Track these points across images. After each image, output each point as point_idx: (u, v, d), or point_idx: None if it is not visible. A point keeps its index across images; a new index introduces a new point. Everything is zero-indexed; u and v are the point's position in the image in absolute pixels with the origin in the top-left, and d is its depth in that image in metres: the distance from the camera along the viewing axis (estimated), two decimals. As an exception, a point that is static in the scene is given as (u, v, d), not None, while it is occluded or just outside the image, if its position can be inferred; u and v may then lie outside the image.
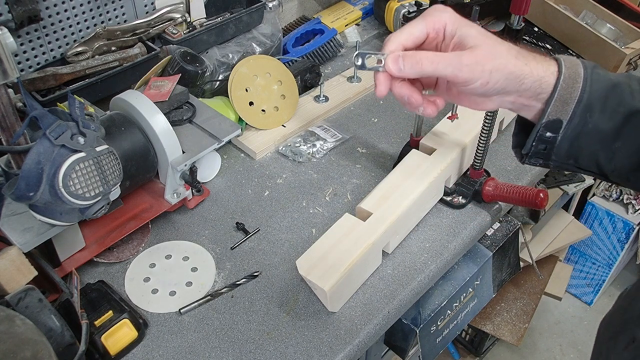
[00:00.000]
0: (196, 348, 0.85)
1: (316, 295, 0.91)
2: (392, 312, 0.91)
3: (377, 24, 1.56)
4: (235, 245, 1.00)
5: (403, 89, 0.65)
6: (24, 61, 1.08)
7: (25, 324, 0.69)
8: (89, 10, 1.12)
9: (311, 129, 1.23)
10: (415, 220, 1.02)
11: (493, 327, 1.77)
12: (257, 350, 0.85)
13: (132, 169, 0.93)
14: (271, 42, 1.32)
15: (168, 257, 0.98)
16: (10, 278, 0.76)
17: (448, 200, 1.06)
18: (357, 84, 1.35)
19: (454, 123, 1.06)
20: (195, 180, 0.99)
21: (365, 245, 0.88)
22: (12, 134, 0.76)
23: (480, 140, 1.00)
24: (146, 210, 0.99)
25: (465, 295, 1.16)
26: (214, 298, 0.91)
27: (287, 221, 1.04)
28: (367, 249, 0.88)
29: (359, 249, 0.88)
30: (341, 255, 0.87)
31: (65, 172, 0.74)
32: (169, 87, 1.04)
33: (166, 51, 1.14)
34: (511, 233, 1.20)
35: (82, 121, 0.77)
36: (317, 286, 0.84)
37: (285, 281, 0.94)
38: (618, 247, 2.08)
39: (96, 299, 0.86)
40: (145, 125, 0.94)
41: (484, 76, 0.61)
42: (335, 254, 0.87)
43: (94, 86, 1.09)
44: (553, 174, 1.80)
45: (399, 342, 1.14)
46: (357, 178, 1.13)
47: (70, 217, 0.79)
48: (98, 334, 0.81)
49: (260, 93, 1.20)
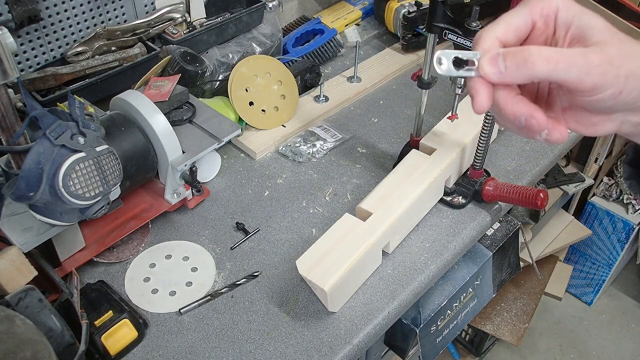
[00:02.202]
0: (196, 348, 0.85)
1: (316, 296, 0.91)
2: (392, 312, 0.91)
3: (377, 24, 1.56)
4: (235, 245, 1.00)
5: (520, 107, 0.47)
6: (24, 61, 1.08)
7: (25, 324, 0.69)
8: (89, 10, 1.12)
9: (311, 129, 1.23)
10: (416, 220, 1.02)
11: (493, 327, 1.77)
12: (257, 350, 0.85)
13: (132, 169, 0.93)
14: (271, 42, 1.32)
15: (168, 257, 0.98)
16: (10, 278, 0.76)
17: (448, 200, 1.06)
18: (357, 84, 1.35)
19: (453, 123, 1.06)
20: (195, 180, 0.99)
21: (366, 245, 0.88)
22: (12, 134, 0.76)
23: (480, 140, 1.00)
24: (146, 210, 0.99)
25: (465, 295, 1.16)
26: (214, 298, 0.91)
27: (287, 221, 1.04)
28: (367, 249, 0.88)
29: (359, 249, 0.87)
30: (341, 255, 0.86)
31: (65, 172, 0.74)
32: (169, 87, 1.04)
33: (166, 51, 1.14)
34: (511, 233, 1.20)
35: (82, 121, 0.77)
36: (317, 286, 0.84)
37: (285, 281, 0.94)
38: (618, 247, 2.08)
39: (96, 299, 0.86)
40: (145, 125, 0.94)
41: (618, 83, 0.45)
42: (335, 254, 0.87)
43: (94, 86, 1.09)
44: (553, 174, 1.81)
45: (399, 342, 1.14)
46: (357, 178, 1.13)
47: (70, 217, 0.79)
48: (98, 334, 0.81)
49: (260, 93, 1.20)
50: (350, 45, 1.48)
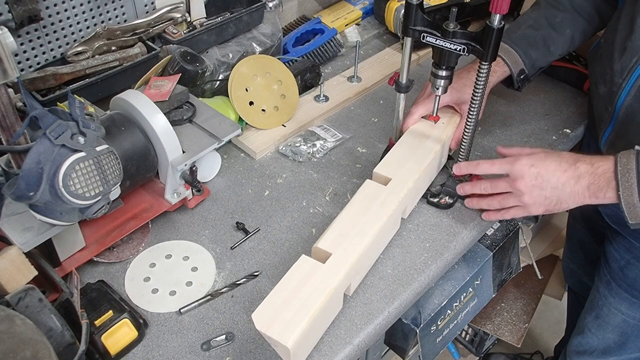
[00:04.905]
0: (196, 348, 0.85)
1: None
2: (392, 312, 0.91)
3: (377, 24, 1.56)
4: (235, 245, 1.00)
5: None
6: (24, 61, 1.08)
7: (25, 323, 0.69)
8: (89, 10, 1.12)
9: (311, 129, 1.23)
10: (375, 256, 0.95)
11: (493, 327, 1.77)
12: (257, 350, 0.85)
13: (132, 169, 0.93)
14: (271, 41, 1.32)
15: (168, 256, 0.98)
16: (10, 278, 0.76)
17: (435, 201, 1.06)
18: (357, 83, 1.35)
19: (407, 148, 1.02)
20: (195, 180, 0.99)
21: (328, 291, 0.79)
22: (12, 133, 0.76)
23: (463, 139, 1.00)
24: (146, 210, 0.99)
25: (465, 295, 1.16)
26: (214, 298, 0.91)
27: (287, 221, 1.04)
28: (329, 295, 0.79)
29: (320, 296, 0.78)
30: (302, 305, 0.77)
31: (65, 172, 0.74)
32: (169, 86, 1.04)
33: (166, 51, 1.14)
34: (511, 233, 1.20)
35: (82, 121, 0.77)
36: (277, 342, 0.74)
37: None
38: (618, 247, 2.08)
39: (96, 298, 0.86)
40: (145, 125, 0.94)
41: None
42: (295, 304, 0.77)
43: (94, 86, 1.09)
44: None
45: (399, 342, 1.14)
46: (357, 178, 1.13)
47: (70, 216, 0.79)
48: (98, 334, 0.81)
49: (260, 93, 1.20)
50: (350, 45, 1.48)
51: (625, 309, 1.18)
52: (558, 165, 0.90)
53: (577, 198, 0.90)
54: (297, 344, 0.74)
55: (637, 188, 0.85)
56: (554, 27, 1.12)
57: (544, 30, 1.12)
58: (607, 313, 1.23)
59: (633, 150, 0.87)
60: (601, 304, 1.24)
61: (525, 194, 0.92)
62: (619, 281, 1.17)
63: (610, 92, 1.00)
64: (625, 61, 0.96)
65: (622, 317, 1.20)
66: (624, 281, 1.16)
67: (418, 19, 0.90)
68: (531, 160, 0.92)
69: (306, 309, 0.77)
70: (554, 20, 1.12)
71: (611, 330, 1.25)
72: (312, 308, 0.77)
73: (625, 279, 1.15)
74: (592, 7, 1.13)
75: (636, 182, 0.85)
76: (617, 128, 1.01)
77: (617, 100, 0.98)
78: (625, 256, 1.14)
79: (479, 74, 0.90)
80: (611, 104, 1.00)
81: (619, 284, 1.17)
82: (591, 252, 1.44)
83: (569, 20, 1.12)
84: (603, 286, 1.22)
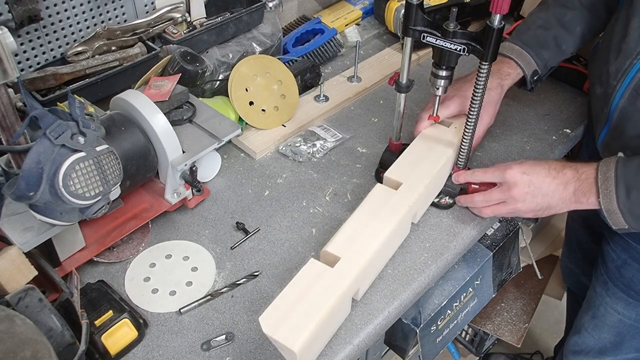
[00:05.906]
0: (196, 348, 0.85)
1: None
2: (392, 312, 0.91)
3: (377, 24, 1.56)
4: (235, 245, 1.00)
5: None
6: (24, 61, 1.08)
7: (25, 323, 0.69)
8: (89, 10, 1.12)
9: (311, 129, 1.23)
10: (384, 261, 0.94)
11: (493, 327, 1.77)
12: (257, 350, 0.85)
13: (132, 169, 0.93)
14: (271, 41, 1.32)
15: (168, 256, 0.98)
16: (10, 278, 0.76)
17: (435, 201, 1.06)
18: (357, 83, 1.35)
19: (418, 154, 1.02)
20: (195, 180, 0.99)
21: (336, 295, 0.79)
22: (12, 133, 0.76)
23: (463, 140, 1.00)
24: (146, 210, 0.99)
25: (465, 295, 1.16)
26: (214, 298, 0.91)
27: (287, 221, 1.04)
28: (337, 300, 0.78)
29: (329, 300, 0.77)
30: (309, 308, 0.76)
31: (65, 172, 0.74)
32: (169, 86, 1.04)
33: (166, 51, 1.14)
34: (511, 233, 1.20)
35: (82, 121, 0.77)
36: (284, 346, 0.74)
37: (286, 281, 0.94)
38: (618, 247, 2.08)
39: (96, 298, 0.86)
40: (145, 125, 0.94)
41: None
42: (302, 307, 0.76)
43: (94, 86, 1.09)
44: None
45: (399, 342, 1.14)
46: (357, 178, 1.13)
47: (70, 216, 0.79)
48: (98, 334, 0.81)
49: (260, 93, 1.20)
50: (350, 45, 1.48)
51: (622, 308, 1.19)
52: (547, 172, 0.93)
53: (565, 204, 0.93)
54: (303, 348, 0.74)
55: (615, 195, 0.87)
56: (564, 26, 1.12)
57: (554, 30, 1.12)
58: (603, 313, 1.23)
59: (615, 158, 0.89)
60: (598, 304, 1.24)
61: (519, 201, 0.94)
62: (615, 281, 1.17)
63: (605, 94, 1.01)
64: (620, 63, 0.96)
65: (619, 317, 1.20)
66: (620, 281, 1.16)
67: (418, 19, 0.90)
68: (522, 168, 0.94)
69: (314, 313, 0.76)
70: (563, 19, 1.12)
71: (607, 330, 1.25)
72: (320, 312, 0.76)
73: (621, 279, 1.16)
74: (601, 3, 1.13)
75: (614, 190, 0.87)
76: (611, 130, 1.02)
77: (612, 102, 0.99)
78: (622, 256, 1.14)
79: (479, 75, 0.90)
80: (606, 105, 1.01)
81: (616, 284, 1.17)
82: (589, 252, 1.44)
83: (578, 17, 1.12)
84: (600, 286, 1.22)
